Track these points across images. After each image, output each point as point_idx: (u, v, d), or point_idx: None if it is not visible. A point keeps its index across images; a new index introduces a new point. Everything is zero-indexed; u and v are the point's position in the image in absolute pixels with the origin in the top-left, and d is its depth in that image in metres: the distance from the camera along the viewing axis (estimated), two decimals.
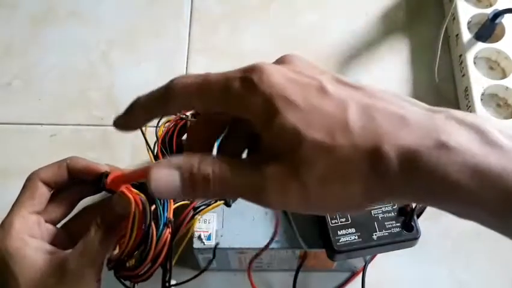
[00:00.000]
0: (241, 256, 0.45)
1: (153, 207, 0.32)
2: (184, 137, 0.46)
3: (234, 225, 0.43)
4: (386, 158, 0.20)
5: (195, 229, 0.43)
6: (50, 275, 0.31)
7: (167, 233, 0.35)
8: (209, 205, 0.42)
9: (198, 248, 0.42)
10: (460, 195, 0.20)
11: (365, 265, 0.46)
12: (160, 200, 0.35)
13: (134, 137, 0.55)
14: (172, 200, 0.37)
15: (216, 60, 0.62)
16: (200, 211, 0.42)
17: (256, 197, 0.23)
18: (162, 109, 0.25)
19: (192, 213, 0.42)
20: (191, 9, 0.66)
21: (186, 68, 0.62)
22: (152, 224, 0.33)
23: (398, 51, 0.63)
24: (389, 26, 0.65)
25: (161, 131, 0.46)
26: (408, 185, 0.21)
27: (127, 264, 0.34)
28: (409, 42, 0.63)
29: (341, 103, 0.22)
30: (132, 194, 0.32)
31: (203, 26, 0.65)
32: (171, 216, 0.37)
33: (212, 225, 0.43)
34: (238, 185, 0.23)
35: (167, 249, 0.35)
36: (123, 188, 0.32)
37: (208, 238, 0.42)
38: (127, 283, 0.36)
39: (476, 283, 0.50)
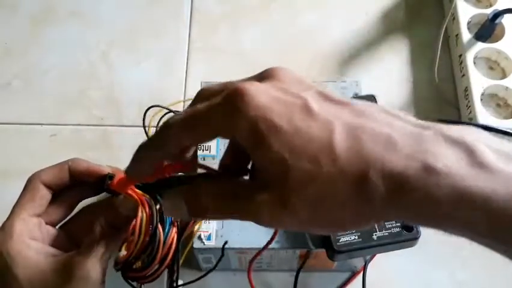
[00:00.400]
0: (241, 256, 0.45)
1: (157, 206, 0.32)
2: None
3: (234, 225, 0.43)
4: (372, 183, 0.20)
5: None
6: (53, 278, 0.31)
7: (173, 232, 0.35)
8: None
9: (198, 248, 0.42)
10: (449, 218, 0.20)
11: (365, 265, 0.46)
12: None
13: (134, 137, 0.56)
14: None
15: (216, 60, 0.62)
16: None
17: (252, 220, 0.24)
18: (163, 148, 0.26)
19: None
20: (191, 9, 0.66)
21: (186, 68, 0.62)
22: (159, 225, 0.33)
23: (398, 51, 0.63)
24: (389, 26, 0.65)
25: None
26: (396, 208, 0.21)
27: (134, 266, 0.33)
28: (409, 42, 0.63)
29: (326, 124, 0.22)
30: (138, 195, 0.31)
31: (203, 26, 0.65)
32: None
33: (212, 225, 0.43)
34: (234, 211, 0.25)
35: (174, 249, 0.35)
36: (128, 190, 0.32)
37: (208, 238, 0.42)
38: (135, 284, 0.36)
39: (476, 283, 0.50)
